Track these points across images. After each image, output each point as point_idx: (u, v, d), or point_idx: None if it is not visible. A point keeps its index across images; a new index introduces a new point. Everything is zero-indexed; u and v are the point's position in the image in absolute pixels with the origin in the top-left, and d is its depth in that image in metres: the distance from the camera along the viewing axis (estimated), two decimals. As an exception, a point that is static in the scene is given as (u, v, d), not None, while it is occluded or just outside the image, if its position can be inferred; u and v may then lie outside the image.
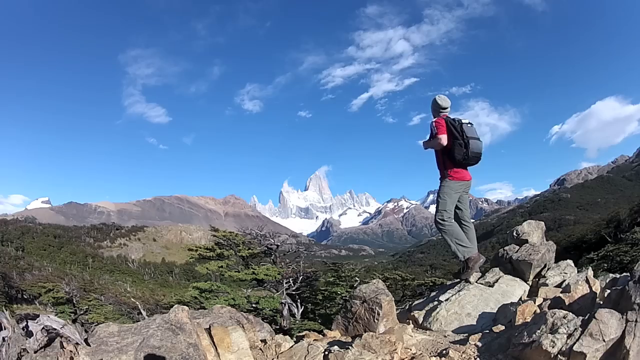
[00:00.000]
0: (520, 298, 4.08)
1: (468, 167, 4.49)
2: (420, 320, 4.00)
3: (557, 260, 4.84)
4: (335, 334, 3.73)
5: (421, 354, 2.85)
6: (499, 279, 4.47)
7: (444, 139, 4.20)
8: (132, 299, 24.75)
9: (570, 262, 4.71)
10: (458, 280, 4.57)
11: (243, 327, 3.11)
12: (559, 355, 2.27)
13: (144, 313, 15.40)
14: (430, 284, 16.74)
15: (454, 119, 4.33)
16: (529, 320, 2.91)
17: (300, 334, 3.99)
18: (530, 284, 4.52)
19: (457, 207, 4.52)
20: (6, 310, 2.64)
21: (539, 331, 2.46)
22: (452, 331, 3.64)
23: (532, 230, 5.04)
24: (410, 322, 4.05)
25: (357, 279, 16.86)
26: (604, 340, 2.18)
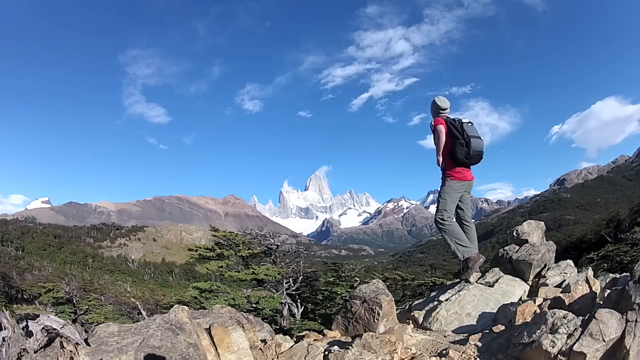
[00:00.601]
0: (520, 298, 4.08)
1: (470, 167, 4.49)
2: (420, 320, 4.00)
3: (557, 260, 4.84)
4: (335, 334, 3.72)
5: (421, 354, 2.85)
6: (499, 279, 4.48)
7: (441, 127, 4.22)
8: (132, 299, 24.75)
9: (570, 262, 4.71)
10: (458, 280, 4.57)
11: (243, 327, 3.11)
12: (559, 355, 2.27)
13: (144, 313, 15.41)
14: (430, 284, 16.72)
15: (453, 119, 4.34)
16: (529, 320, 2.91)
17: (300, 334, 3.98)
18: (530, 284, 4.52)
19: (458, 207, 4.52)
20: (6, 310, 2.64)
21: (539, 331, 2.46)
22: (452, 331, 3.64)
23: (532, 230, 5.04)
24: (410, 322, 4.04)
25: (357, 279, 16.85)
26: (604, 340, 2.18)
